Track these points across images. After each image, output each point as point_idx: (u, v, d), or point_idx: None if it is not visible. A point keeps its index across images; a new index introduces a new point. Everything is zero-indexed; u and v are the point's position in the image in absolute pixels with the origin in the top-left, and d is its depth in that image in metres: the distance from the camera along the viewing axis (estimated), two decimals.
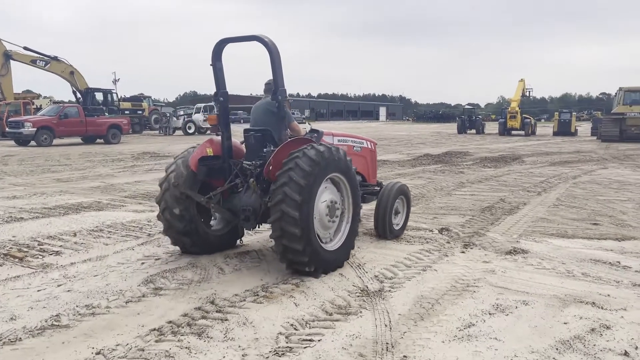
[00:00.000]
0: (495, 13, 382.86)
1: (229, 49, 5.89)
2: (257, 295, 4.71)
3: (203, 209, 5.95)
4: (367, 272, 5.47)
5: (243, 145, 6.14)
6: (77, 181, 12.57)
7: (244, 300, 4.58)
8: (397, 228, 7.06)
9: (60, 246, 6.40)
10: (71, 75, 34.22)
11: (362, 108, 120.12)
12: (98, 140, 27.87)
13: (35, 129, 24.55)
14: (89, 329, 3.96)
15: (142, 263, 5.71)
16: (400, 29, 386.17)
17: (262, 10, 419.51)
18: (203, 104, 38.96)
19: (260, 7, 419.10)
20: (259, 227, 6.37)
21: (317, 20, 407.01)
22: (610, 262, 5.88)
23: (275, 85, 5.65)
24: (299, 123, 6.26)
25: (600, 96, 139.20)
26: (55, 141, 26.39)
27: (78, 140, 28.03)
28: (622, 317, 4.30)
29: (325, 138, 6.72)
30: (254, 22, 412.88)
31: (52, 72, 33.75)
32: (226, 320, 4.14)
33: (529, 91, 44.93)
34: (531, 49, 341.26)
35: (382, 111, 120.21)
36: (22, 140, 24.95)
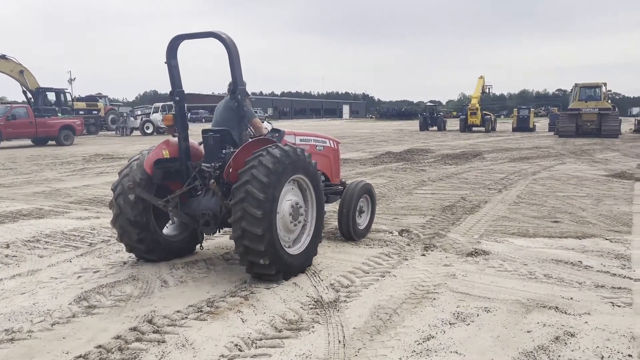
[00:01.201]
0: (456, 11, 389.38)
1: (187, 45, 5.52)
2: (201, 311, 4.32)
3: (160, 213, 5.57)
4: (322, 280, 5.15)
5: (202, 146, 5.80)
6: (20, 186, 11.83)
7: (186, 317, 4.19)
8: (361, 228, 6.81)
9: None
10: (20, 74, 32.67)
11: (325, 106, 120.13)
12: (50, 142, 26.71)
13: None
14: (4, 358, 3.50)
15: (79, 277, 5.24)
16: (362, 27, 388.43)
17: (223, 7, 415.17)
18: (161, 103, 37.88)
19: (222, 4, 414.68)
20: (219, 232, 6.05)
21: (280, 17, 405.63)
22: (572, 262, 5.73)
23: (233, 84, 5.42)
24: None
25: (557, 92, 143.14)
26: (3, 143, 25.16)
27: (28, 142, 26.80)
28: (586, 322, 4.11)
29: (287, 138, 6.48)
30: (214, 20, 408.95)
31: (0, 72, 32.19)
32: (163, 342, 3.74)
33: (489, 88, 45.51)
34: (491, 46, 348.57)
35: (346, 109, 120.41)
36: None
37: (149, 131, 36.41)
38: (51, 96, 34.12)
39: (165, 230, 5.88)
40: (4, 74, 32.45)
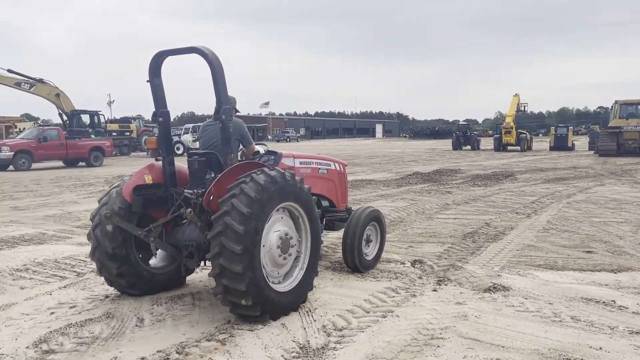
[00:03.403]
0: (495, 28, 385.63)
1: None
2: (168, 358, 3.82)
3: (145, 244, 5.14)
4: (315, 321, 4.59)
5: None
6: (35, 209, 11.70)
7: None
8: (369, 259, 6.22)
9: None
10: (57, 97, 33.47)
11: (358, 125, 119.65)
12: (80, 163, 27.05)
13: (13, 153, 23.74)
14: None
15: (52, 313, 4.84)
16: (397, 46, 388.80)
17: (257, 29, 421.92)
18: (192, 125, 38.24)
19: (255, 26, 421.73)
20: (204, 265, 5.58)
21: (314, 38, 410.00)
22: (604, 302, 5.02)
23: (217, 102, 4.99)
24: (288, 141, 5.54)
25: (598, 110, 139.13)
26: (36, 165, 25.58)
27: (60, 163, 27.21)
28: None
29: (286, 160, 6.03)
30: (248, 42, 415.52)
31: (38, 95, 33.02)
32: None
33: (524, 106, 44.36)
34: (530, 62, 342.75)
35: (379, 128, 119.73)
36: (0, 165, 24.13)
37: (179, 152, 36.46)
38: (85, 118, 34.73)
39: (152, 261, 5.44)
40: (41, 97, 33.41)
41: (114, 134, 36.52)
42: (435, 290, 5.44)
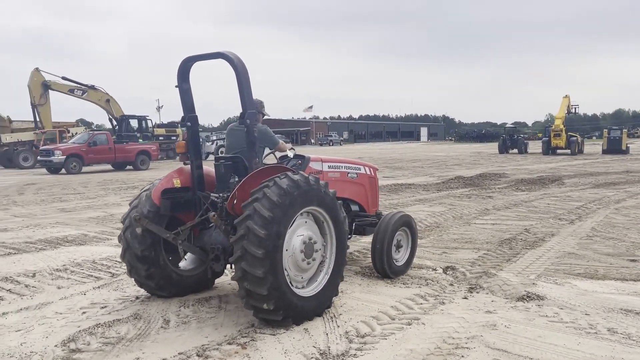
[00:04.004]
0: (545, 27, 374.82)
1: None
2: None
3: (173, 247, 5.24)
4: (338, 327, 4.54)
5: None
6: (80, 211, 12.13)
7: None
8: (399, 264, 6.12)
9: (8, 290, 5.76)
10: (107, 103, 34.72)
11: (402, 129, 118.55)
12: (128, 167, 27.92)
13: (65, 156, 24.75)
14: None
15: (83, 313, 4.98)
16: (444, 48, 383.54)
17: (301, 33, 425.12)
18: None
19: (300, 30, 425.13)
20: (230, 268, 5.62)
21: (358, 42, 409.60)
22: None
23: (242, 107, 4.97)
24: (331, 144, 5.55)
25: None
26: (87, 168, 26.56)
27: (109, 167, 28.16)
28: None
29: (314, 165, 6.00)
30: (293, 46, 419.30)
31: (89, 101, 34.35)
32: None
33: (575, 108, 42.84)
34: (584, 63, 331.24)
35: (424, 132, 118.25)
36: (53, 168, 25.20)
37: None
38: (134, 123, 35.85)
39: (181, 264, 5.53)
40: (92, 103, 34.73)
41: (160, 138, 37.50)
42: (465, 298, 5.29)
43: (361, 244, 7.62)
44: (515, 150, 41.32)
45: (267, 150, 5.68)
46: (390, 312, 4.90)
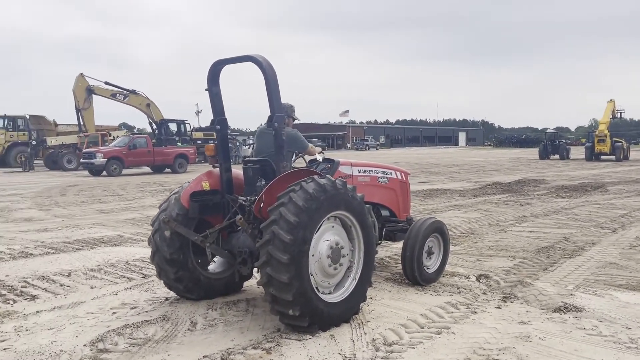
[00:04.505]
0: (590, 30, 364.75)
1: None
2: None
3: (202, 250, 5.27)
4: (365, 334, 4.45)
5: None
6: (118, 212, 12.40)
7: None
8: (430, 272, 5.98)
9: (44, 289, 5.90)
10: (147, 107, 35.53)
11: (440, 133, 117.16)
12: (166, 170, 28.46)
13: (106, 159, 25.42)
14: None
15: (113, 313, 5.05)
16: (483, 52, 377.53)
17: (338, 38, 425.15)
18: None
19: (337, 35, 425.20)
20: (257, 272, 5.61)
21: (396, 45, 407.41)
22: None
23: (271, 110, 4.94)
24: (367, 149, 5.51)
25: None
26: (126, 171, 27.20)
27: (148, 169, 28.75)
28: None
29: (343, 169, 5.95)
30: (330, 51, 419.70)
31: (130, 105, 35.22)
32: None
33: (620, 112, 41.45)
34: (631, 67, 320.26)
35: (462, 136, 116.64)
36: (95, 170, 25.91)
37: None
38: (173, 127, 36.56)
39: (210, 267, 5.54)
40: (133, 107, 35.61)
41: (198, 141, 38.06)
42: (498, 308, 5.13)
43: (392, 250, 7.51)
44: (557, 156, 40.23)
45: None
46: (419, 320, 4.79)
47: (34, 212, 12.71)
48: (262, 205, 4.59)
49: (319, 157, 5.80)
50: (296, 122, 5.91)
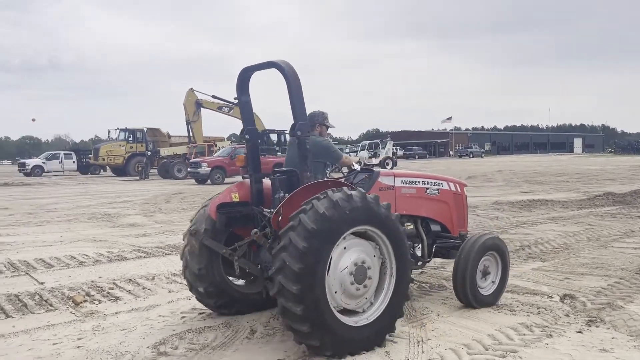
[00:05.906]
0: None
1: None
2: None
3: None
4: (423, 352, 4.26)
5: None
6: None
7: None
8: (485, 293, 5.49)
9: (128, 291, 6.32)
10: None
11: (552, 140, 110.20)
12: (266, 178, 29.39)
13: (210, 168, 26.88)
14: None
15: (182, 317, 5.28)
16: (600, 51, 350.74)
17: (439, 44, 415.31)
18: (368, 142, 39.09)
19: (438, 41, 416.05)
20: None
21: (503, 49, 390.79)
22: None
23: (294, 117, 4.66)
24: (471, 156, 5.23)
25: None
26: (229, 179, 28.50)
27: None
28: None
29: (384, 179, 5.53)
30: (433, 58, 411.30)
31: (234, 117, 37.01)
32: None
33: None
34: None
35: (577, 143, 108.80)
36: (200, 179, 27.48)
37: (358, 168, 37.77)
38: (273, 137, 37.81)
39: (240, 281, 5.31)
40: (238, 119, 37.35)
41: None
42: (580, 332, 4.67)
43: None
44: None
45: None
46: (485, 340, 4.49)
47: (139, 218, 13.71)
48: (280, 218, 4.37)
49: (357, 166, 5.59)
50: (329, 129, 5.67)
